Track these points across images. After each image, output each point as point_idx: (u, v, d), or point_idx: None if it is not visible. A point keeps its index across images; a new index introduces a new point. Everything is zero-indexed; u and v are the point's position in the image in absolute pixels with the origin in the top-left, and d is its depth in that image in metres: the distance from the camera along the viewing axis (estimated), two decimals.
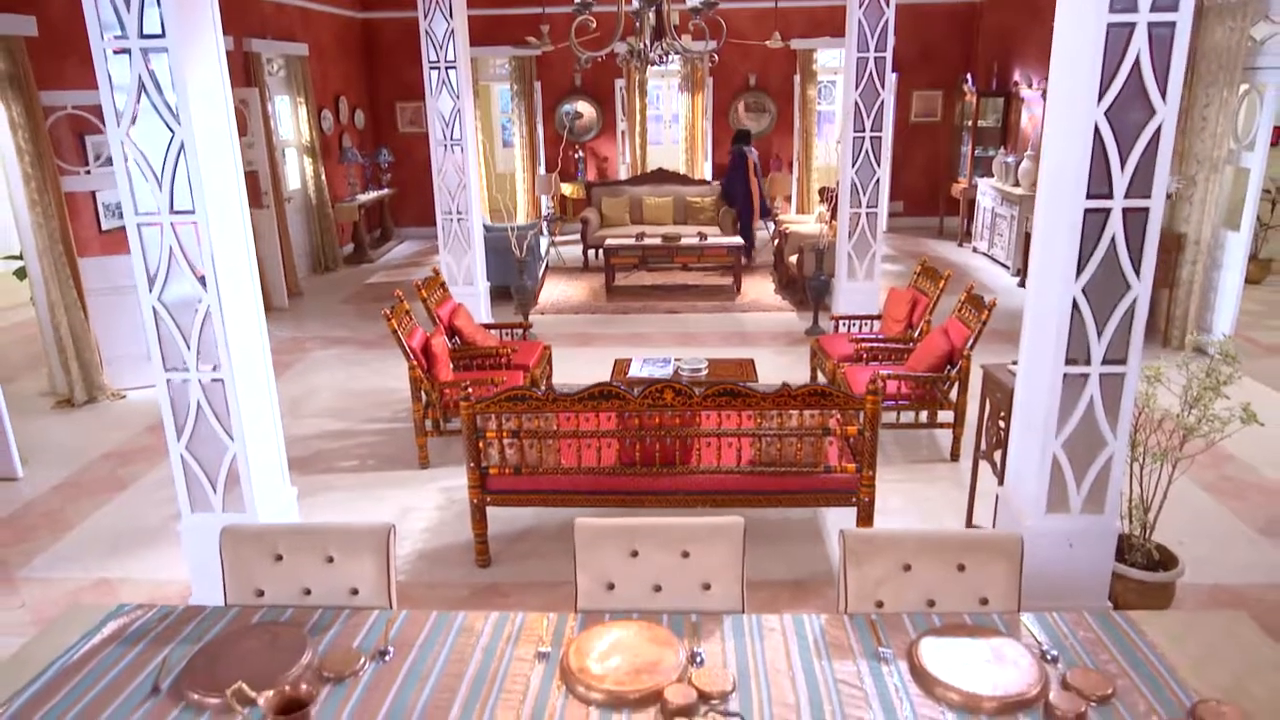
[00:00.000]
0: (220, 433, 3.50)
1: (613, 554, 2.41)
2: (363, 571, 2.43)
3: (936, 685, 2.00)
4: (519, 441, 3.99)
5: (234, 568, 2.44)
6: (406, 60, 12.23)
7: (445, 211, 7.41)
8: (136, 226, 3.30)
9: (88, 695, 2.06)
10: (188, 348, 3.40)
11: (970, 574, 2.34)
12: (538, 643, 2.20)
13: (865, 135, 7.11)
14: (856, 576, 2.34)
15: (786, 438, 3.89)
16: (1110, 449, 3.35)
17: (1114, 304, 3.19)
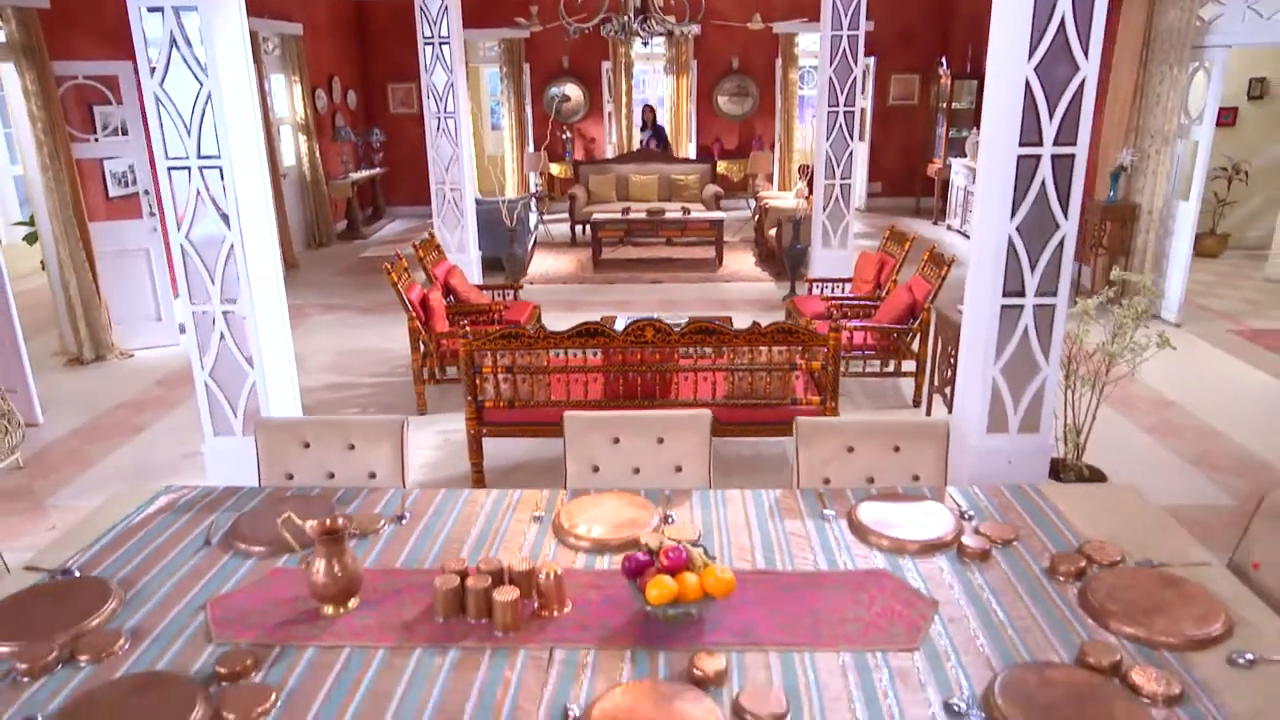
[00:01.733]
0: (240, 361, 3.84)
1: (598, 441, 2.79)
2: (380, 457, 2.80)
3: (870, 535, 2.39)
4: (512, 377, 4.35)
5: (267, 453, 2.80)
6: (398, 42, 12.52)
7: (439, 182, 7.74)
8: (167, 170, 3.64)
9: (147, 548, 2.42)
10: (211, 282, 3.74)
11: (905, 454, 2.73)
12: (533, 509, 2.58)
13: (839, 110, 7.49)
14: (806, 456, 2.73)
15: (757, 372, 4.27)
16: (1044, 373, 3.74)
17: (1045, 241, 3.58)
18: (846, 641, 1.97)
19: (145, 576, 2.28)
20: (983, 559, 2.28)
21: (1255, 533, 2.27)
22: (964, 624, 2.03)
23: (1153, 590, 2.09)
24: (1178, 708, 1.74)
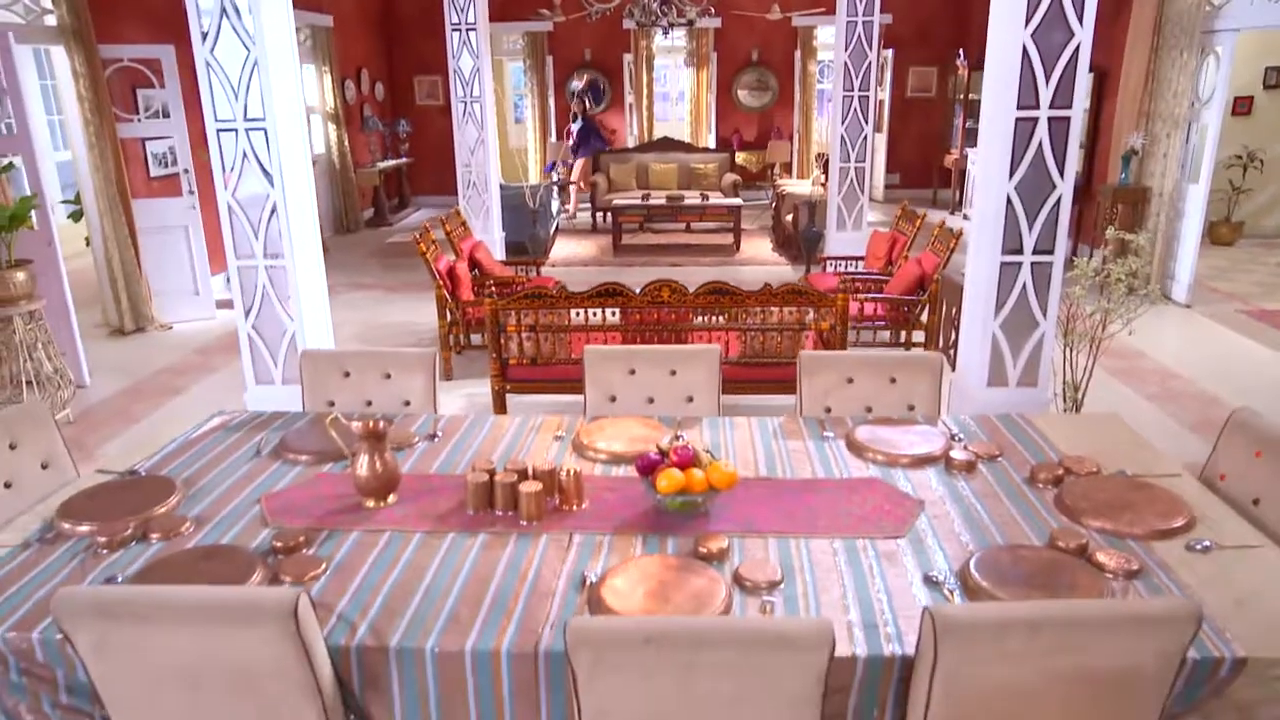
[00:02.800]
0: (281, 313, 4.10)
1: (615, 372, 3.00)
2: (414, 386, 3.03)
3: (866, 451, 2.58)
4: (535, 335, 4.58)
5: (311, 382, 3.04)
6: (424, 35, 12.81)
7: (464, 165, 8.00)
8: (215, 133, 3.89)
9: (204, 457, 2.66)
10: (255, 238, 4.00)
11: (901, 385, 2.92)
12: (555, 430, 2.79)
13: (854, 94, 7.67)
14: (809, 386, 2.93)
15: (768, 332, 4.47)
16: (1041, 329, 3.92)
17: (1042, 201, 3.75)
18: (838, 531, 2.17)
19: (204, 478, 2.52)
20: (968, 470, 2.47)
21: (1224, 446, 2.45)
22: (947, 520, 2.22)
23: (1123, 493, 2.28)
24: (1135, 580, 1.93)
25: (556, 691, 1.78)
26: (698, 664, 1.54)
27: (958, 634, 1.54)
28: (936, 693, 1.59)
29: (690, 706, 1.59)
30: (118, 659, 1.68)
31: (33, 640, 1.82)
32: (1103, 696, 1.60)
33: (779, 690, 1.57)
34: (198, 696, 1.71)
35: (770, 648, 1.53)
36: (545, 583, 1.98)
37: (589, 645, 1.53)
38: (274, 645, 1.64)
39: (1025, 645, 1.54)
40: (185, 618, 1.65)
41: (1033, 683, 1.58)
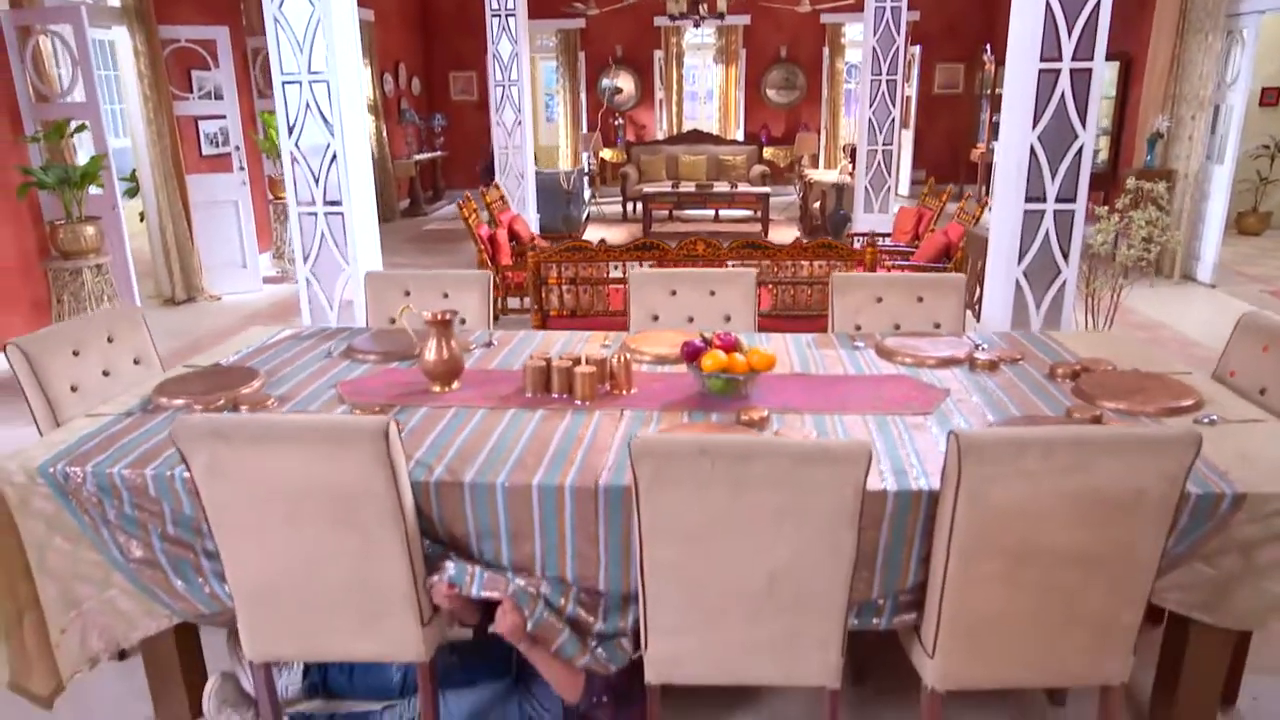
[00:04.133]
0: (338, 257, 4.33)
1: (657, 293, 3.20)
2: (469, 303, 3.24)
3: (894, 355, 2.76)
4: (575, 288, 4.79)
5: (374, 299, 3.26)
6: (460, 32, 13.15)
7: (501, 147, 8.26)
8: (281, 85, 4.15)
9: (281, 356, 2.89)
10: (315, 184, 4.24)
11: (927, 304, 3.10)
12: (603, 340, 3.00)
13: (882, 78, 7.85)
14: (840, 304, 3.11)
15: (799, 285, 4.65)
16: (1063, 275, 4.06)
17: (1064, 150, 3.91)
18: (870, 410, 2.35)
19: (282, 371, 2.75)
20: (991, 369, 2.64)
21: (1234, 346, 2.60)
22: (971, 404, 2.40)
23: (1137, 382, 2.44)
24: None
25: (614, 523, 1.97)
26: (747, 476, 1.73)
27: (980, 453, 1.71)
28: (960, 512, 1.76)
29: (739, 520, 1.78)
30: (227, 480, 1.89)
31: (145, 476, 2.05)
32: (1111, 518, 1.76)
33: (820, 504, 1.75)
34: (295, 517, 1.92)
35: (813, 461, 1.71)
36: (601, 442, 2.18)
37: (651, 456, 1.72)
38: (366, 467, 1.85)
39: (1040, 464, 1.71)
40: (291, 440, 1.86)
41: (1048, 503, 1.75)
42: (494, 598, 1.95)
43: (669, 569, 1.85)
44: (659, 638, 1.95)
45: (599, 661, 2.01)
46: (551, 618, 1.96)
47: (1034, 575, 1.82)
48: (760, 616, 1.89)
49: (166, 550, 2.12)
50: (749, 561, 1.82)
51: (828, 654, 1.94)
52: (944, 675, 1.95)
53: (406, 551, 1.94)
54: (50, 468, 2.08)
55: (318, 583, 1.99)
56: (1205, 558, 1.98)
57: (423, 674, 2.11)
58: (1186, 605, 2.04)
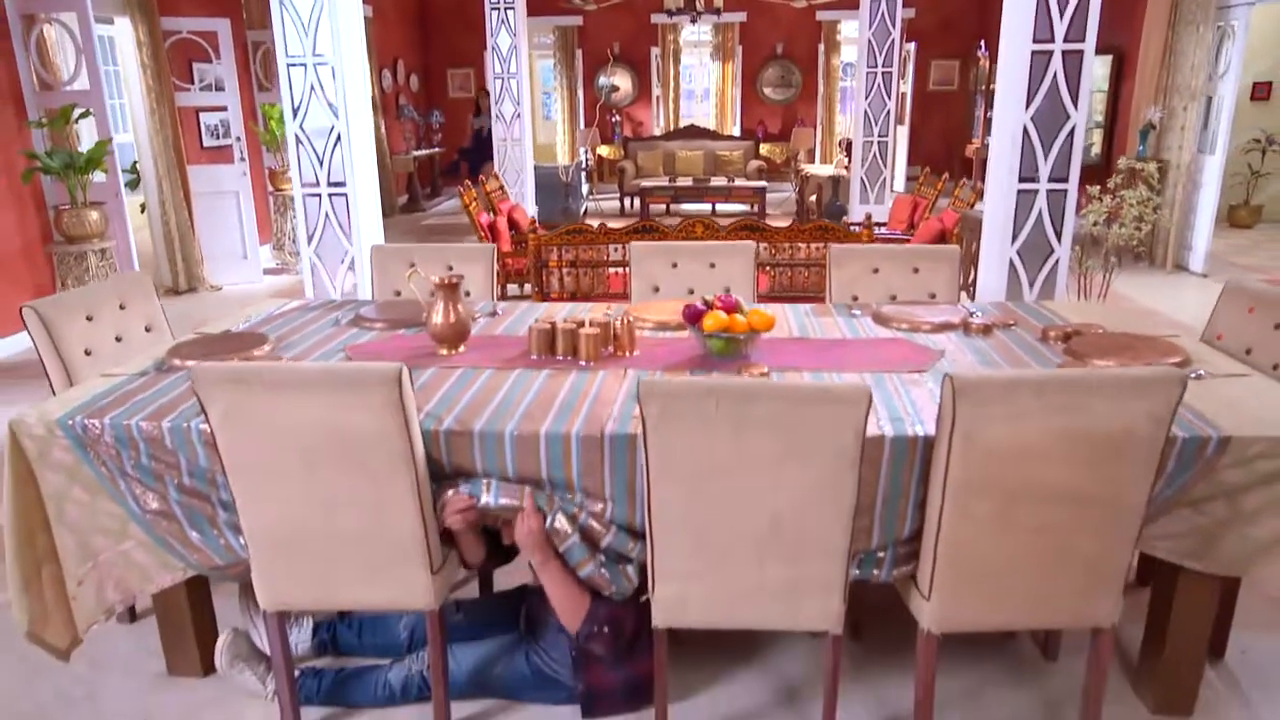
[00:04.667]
0: (341, 237, 4.39)
1: (659, 265, 3.26)
2: (474, 275, 3.30)
3: (891, 321, 2.82)
4: (575, 270, 4.85)
5: (380, 272, 3.32)
6: (457, 30, 13.22)
7: (500, 138, 8.32)
8: (285, 67, 4.21)
9: (290, 324, 2.95)
10: (320, 165, 4.30)
11: (922, 275, 3.17)
12: (605, 309, 3.05)
13: (878, 70, 7.93)
14: (837, 276, 3.18)
15: (796, 267, 4.72)
16: (1056, 254, 4.13)
17: (1057, 131, 3.98)
18: (868, 368, 2.41)
19: (292, 336, 2.81)
20: (985, 333, 2.71)
21: (1220, 311, 2.67)
22: (965, 363, 2.46)
23: (1127, 342, 2.51)
24: None
25: (619, 470, 2.03)
26: (749, 417, 1.79)
27: (973, 394, 1.77)
28: (955, 453, 1.82)
29: (743, 461, 1.84)
30: (243, 428, 1.95)
31: (162, 428, 2.10)
32: (1101, 458, 1.82)
33: (821, 445, 1.81)
34: (309, 465, 1.97)
35: (814, 402, 1.77)
36: (605, 396, 2.24)
37: (658, 396, 1.78)
38: (378, 413, 1.90)
39: (1032, 404, 1.77)
40: (306, 386, 1.91)
41: (1039, 444, 1.81)
42: (512, 505, 2.02)
43: (675, 511, 1.91)
44: (666, 581, 2.01)
45: (602, 578, 2.06)
46: (565, 522, 2.03)
47: (1026, 516, 1.88)
48: (764, 559, 1.95)
49: (182, 502, 2.17)
50: (753, 503, 1.88)
51: (830, 599, 2.00)
52: (940, 618, 2.01)
53: (417, 499, 2.00)
54: (69, 420, 2.13)
55: (330, 530, 2.04)
56: (1193, 504, 2.05)
57: (432, 622, 2.16)
58: (1176, 553, 2.11)
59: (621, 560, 2.09)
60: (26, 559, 2.22)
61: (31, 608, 2.23)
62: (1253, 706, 2.35)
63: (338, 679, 2.38)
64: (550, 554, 2.08)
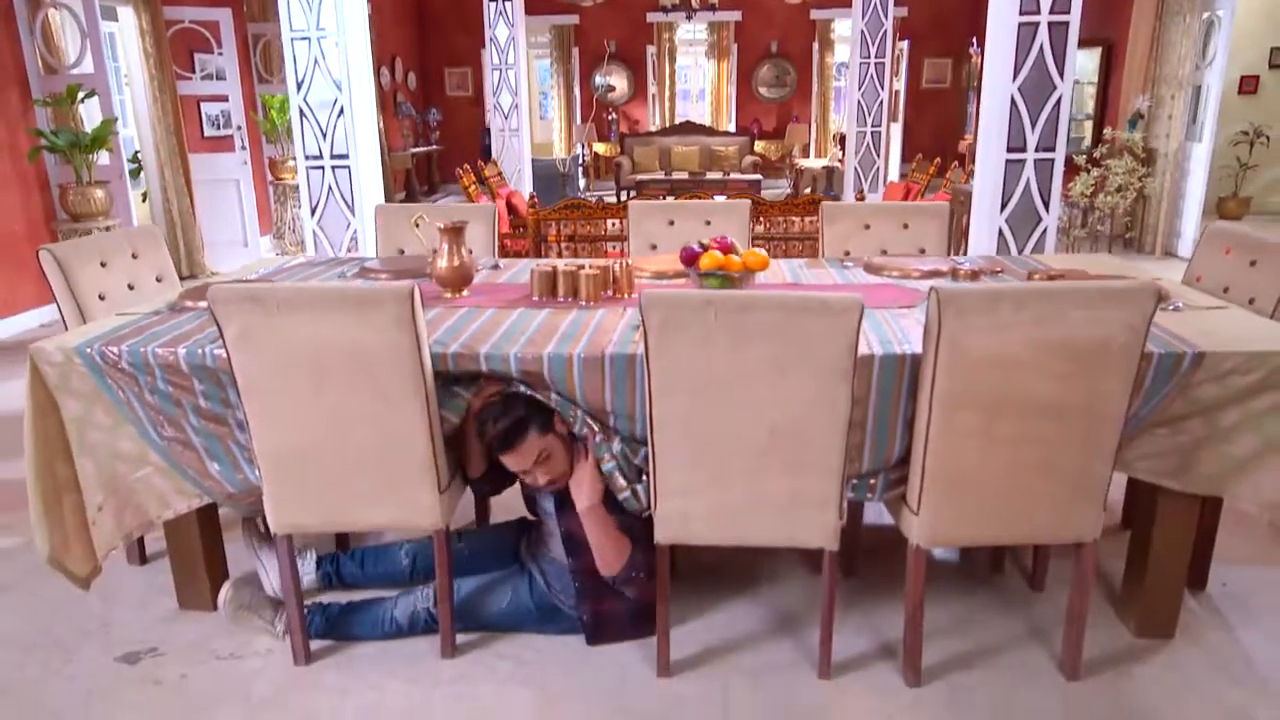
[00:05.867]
0: (344, 209, 4.47)
1: (656, 223, 3.35)
2: (476, 235, 3.38)
3: (882, 270, 2.91)
4: (574, 244, 4.94)
5: (384, 231, 3.40)
6: (455, 29, 13.34)
7: (499, 129, 8.41)
8: (290, 41, 4.29)
9: (297, 276, 3.02)
10: (324, 138, 4.38)
11: (912, 230, 3.26)
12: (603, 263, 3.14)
13: (870, 61, 8.05)
14: (829, 232, 3.27)
15: (791, 241, 4.80)
16: (1044, 223, 4.23)
17: (1044, 101, 4.08)
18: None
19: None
20: (972, 278, 2.79)
21: (1199, 256, 2.76)
22: None
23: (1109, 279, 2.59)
24: None
25: (620, 389, 2.11)
26: (747, 326, 1.87)
27: (957, 304, 1.86)
28: (941, 364, 1.91)
29: (741, 372, 1.92)
30: (258, 347, 2.02)
31: (178, 354, 2.18)
32: (1081, 368, 1.90)
33: (816, 355, 1.89)
34: (321, 384, 2.05)
35: (809, 311, 1.85)
36: (606, 327, 2.32)
37: (660, 306, 1.86)
38: (390, 331, 1.98)
39: (1013, 316, 1.86)
40: (321, 304, 1.99)
41: (1021, 354, 1.89)
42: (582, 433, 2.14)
43: (676, 424, 1.99)
44: (667, 498, 2.09)
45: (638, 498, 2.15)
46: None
47: (1010, 427, 1.97)
48: (763, 474, 2.03)
49: (199, 429, 2.24)
50: (751, 415, 1.96)
51: (826, 514, 2.08)
52: (928, 532, 2.09)
53: (426, 418, 2.08)
54: (87, 348, 2.21)
55: (342, 450, 2.12)
56: (1171, 423, 2.13)
57: (439, 541, 2.24)
58: (1155, 473, 2.19)
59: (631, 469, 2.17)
60: (47, 487, 2.29)
61: (52, 535, 2.30)
62: (1232, 629, 2.43)
63: (343, 612, 2.43)
64: (599, 499, 2.16)
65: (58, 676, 2.31)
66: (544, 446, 2.16)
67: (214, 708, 2.18)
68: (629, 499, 2.13)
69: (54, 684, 2.28)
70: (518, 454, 2.15)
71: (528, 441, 2.13)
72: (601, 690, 2.21)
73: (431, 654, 2.35)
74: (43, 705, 2.20)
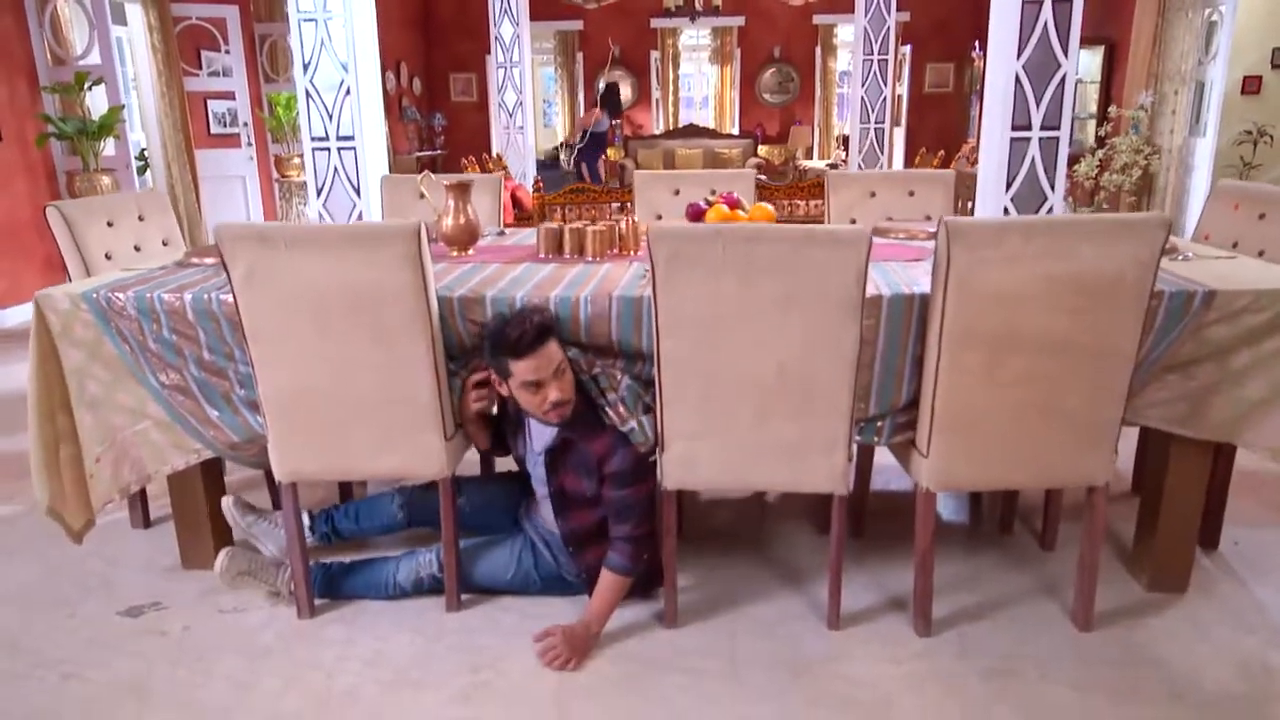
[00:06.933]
0: (349, 191, 4.48)
1: (661, 193, 3.35)
2: (482, 205, 3.37)
3: (888, 233, 2.90)
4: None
5: (390, 201, 3.40)
6: (459, 34, 13.42)
7: (504, 126, 8.44)
8: (298, 23, 4.32)
9: None
10: (330, 119, 4.40)
11: (918, 198, 3.25)
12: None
13: (874, 58, 8.07)
14: (835, 201, 3.27)
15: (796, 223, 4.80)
16: (1050, 202, 4.22)
17: (1048, 79, 4.09)
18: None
19: None
20: None
21: (1208, 213, 2.75)
22: None
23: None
24: None
25: (626, 328, 2.10)
26: (754, 259, 1.86)
27: (966, 237, 1.85)
28: (950, 299, 1.90)
29: (748, 307, 1.91)
30: (264, 288, 2.02)
31: (184, 299, 2.18)
32: (1090, 304, 1.89)
33: (824, 290, 1.88)
34: (327, 326, 2.04)
35: (817, 243, 1.85)
36: (612, 277, 2.31)
37: (668, 239, 1.86)
38: (397, 270, 1.97)
39: (1022, 248, 1.85)
40: (328, 242, 1.99)
41: (1030, 288, 1.88)
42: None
43: (683, 363, 1.98)
44: (675, 441, 2.08)
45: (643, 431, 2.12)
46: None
47: (1020, 366, 1.95)
48: (771, 414, 2.02)
49: (200, 379, 2.23)
50: (759, 352, 1.95)
51: (834, 457, 2.06)
52: (938, 474, 2.07)
53: (431, 360, 2.07)
54: (93, 294, 2.21)
55: (347, 394, 2.11)
56: (1182, 368, 2.12)
57: (445, 490, 2.22)
58: (1167, 420, 2.17)
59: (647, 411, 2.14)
60: (47, 437, 2.28)
61: (51, 485, 2.29)
62: (1245, 583, 2.40)
63: (345, 571, 2.40)
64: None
65: (60, 630, 2.29)
66: (564, 357, 2.06)
67: (217, 656, 2.16)
68: (635, 430, 2.11)
69: (56, 636, 2.26)
70: (541, 357, 1.99)
71: (551, 345, 2.02)
72: (607, 640, 2.19)
73: (436, 608, 2.33)
74: (46, 655, 2.18)
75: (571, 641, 2.11)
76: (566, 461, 2.19)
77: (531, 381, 2.01)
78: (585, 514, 2.22)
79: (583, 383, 2.14)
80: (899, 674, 2.05)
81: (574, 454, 2.16)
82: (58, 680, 2.08)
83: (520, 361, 2.00)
